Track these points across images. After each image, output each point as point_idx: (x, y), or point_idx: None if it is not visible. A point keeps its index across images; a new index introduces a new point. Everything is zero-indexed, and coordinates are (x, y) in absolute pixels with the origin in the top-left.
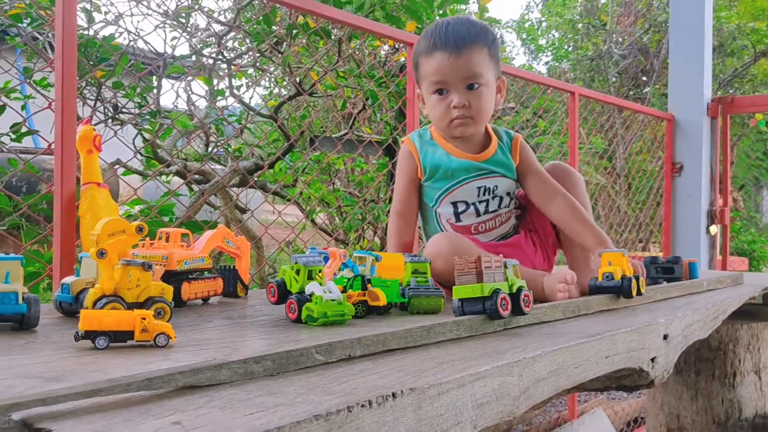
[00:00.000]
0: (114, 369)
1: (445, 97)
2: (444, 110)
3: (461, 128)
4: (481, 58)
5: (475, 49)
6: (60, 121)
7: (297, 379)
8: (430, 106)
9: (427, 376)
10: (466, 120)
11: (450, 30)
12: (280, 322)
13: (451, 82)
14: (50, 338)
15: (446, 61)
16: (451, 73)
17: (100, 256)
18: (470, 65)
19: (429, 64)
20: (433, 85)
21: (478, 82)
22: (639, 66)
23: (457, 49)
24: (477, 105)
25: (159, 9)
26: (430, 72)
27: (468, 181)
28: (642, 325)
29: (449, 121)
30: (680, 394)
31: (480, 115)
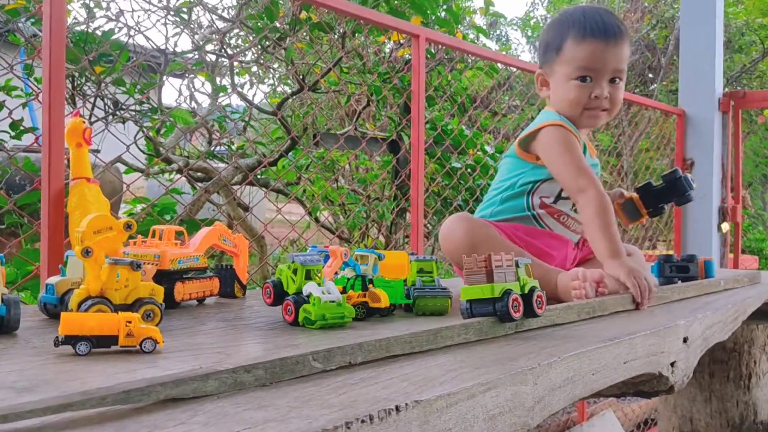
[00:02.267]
0: (93, 378)
1: (589, 85)
2: (584, 97)
3: (595, 119)
4: (627, 54)
5: (625, 43)
6: (47, 112)
7: (291, 390)
8: (565, 90)
9: (434, 386)
10: (602, 112)
11: (605, 20)
12: (278, 325)
13: (600, 72)
14: (30, 343)
15: (601, 49)
16: (603, 62)
17: (86, 255)
18: (620, 59)
19: (579, 48)
20: (580, 70)
21: (621, 77)
22: (646, 63)
23: (614, 39)
24: (615, 99)
25: (160, 4)
26: (580, 57)
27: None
28: (661, 327)
29: (585, 109)
30: (694, 397)
31: (614, 110)
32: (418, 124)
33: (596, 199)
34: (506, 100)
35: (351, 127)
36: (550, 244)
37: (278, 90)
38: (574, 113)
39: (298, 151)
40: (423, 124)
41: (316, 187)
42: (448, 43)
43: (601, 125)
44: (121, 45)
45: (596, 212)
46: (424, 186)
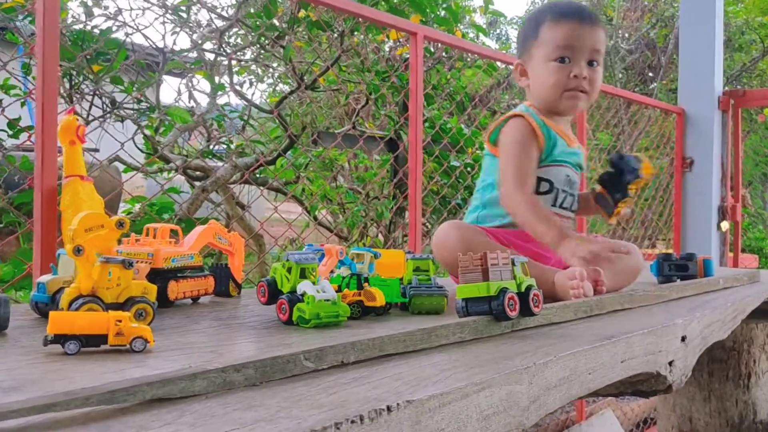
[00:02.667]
0: (81, 378)
1: (567, 66)
2: (563, 78)
3: (574, 101)
4: (604, 39)
5: (601, 28)
6: (40, 110)
7: (282, 390)
8: (543, 73)
9: (427, 386)
10: (581, 94)
11: (577, 5)
12: (272, 324)
13: (577, 51)
14: (19, 342)
15: (577, 29)
16: (580, 41)
17: (77, 253)
18: (598, 40)
19: (555, 30)
20: (558, 50)
21: (598, 60)
22: (646, 61)
23: (590, 21)
24: (594, 81)
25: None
26: (557, 38)
27: (561, 164)
28: (659, 326)
29: (564, 90)
30: (693, 396)
31: (593, 93)
32: (416, 122)
33: (522, 201)
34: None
35: (349, 125)
36: (543, 245)
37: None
38: (554, 96)
39: (297, 150)
40: (421, 122)
41: (314, 185)
42: (446, 41)
43: (581, 109)
44: (119, 43)
45: (526, 213)
46: (423, 184)
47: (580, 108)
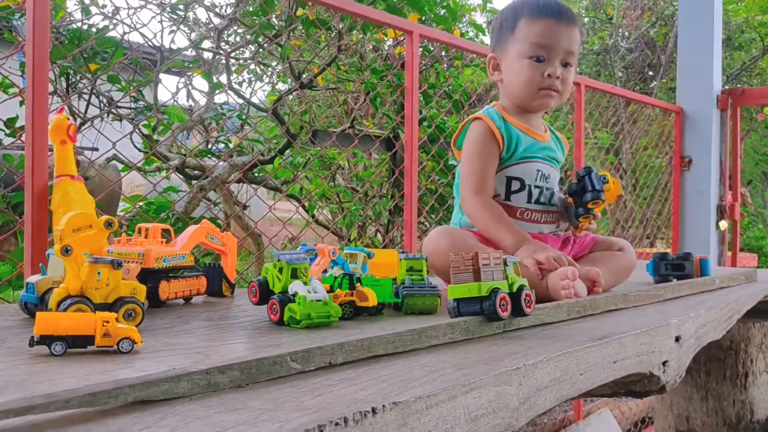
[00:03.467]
0: (64, 380)
1: (542, 65)
2: (537, 77)
3: (547, 99)
4: (579, 39)
5: (577, 28)
6: (30, 109)
7: (267, 392)
8: (517, 69)
9: (415, 387)
10: (554, 93)
11: (556, 2)
12: (263, 325)
13: (553, 50)
14: (6, 342)
15: (555, 28)
16: (556, 40)
17: (65, 254)
18: (574, 40)
19: (534, 27)
20: (534, 48)
21: (572, 61)
22: (646, 60)
23: (568, 20)
24: (567, 81)
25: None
26: (535, 35)
27: (531, 160)
28: (653, 326)
29: (538, 89)
30: (690, 395)
31: (565, 93)
32: (411, 121)
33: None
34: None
35: (347, 124)
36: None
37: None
38: (527, 94)
39: (295, 149)
40: (417, 121)
41: (313, 184)
42: (443, 39)
43: (552, 108)
44: (116, 42)
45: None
46: (421, 183)
47: (551, 107)
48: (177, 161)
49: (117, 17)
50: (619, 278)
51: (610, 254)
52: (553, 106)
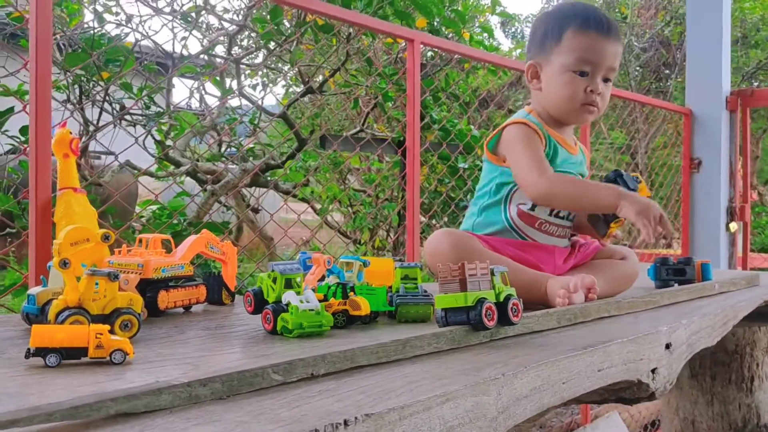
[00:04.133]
0: (54, 392)
1: (585, 79)
2: (579, 92)
3: (586, 115)
4: (620, 54)
5: (621, 43)
6: (34, 123)
7: (247, 404)
8: (559, 82)
9: (390, 398)
10: (594, 108)
11: (605, 16)
12: (258, 334)
13: (597, 66)
14: (5, 354)
15: (602, 43)
16: (602, 56)
17: (63, 266)
18: (617, 56)
19: (581, 39)
20: (579, 62)
21: (612, 77)
22: (661, 59)
23: (615, 36)
24: (605, 97)
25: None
26: (581, 48)
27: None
28: (641, 334)
29: (580, 104)
30: (695, 399)
31: (603, 108)
32: (413, 127)
33: (554, 181)
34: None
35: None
36: (538, 256)
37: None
38: (568, 107)
39: (307, 153)
40: (418, 127)
41: (324, 187)
42: (444, 46)
43: (589, 122)
44: (127, 50)
45: (566, 187)
46: (433, 186)
47: (588, 122)
48: (189, 166)
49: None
50: (619, 287)
51: (611, 263)
52: (590, 121)
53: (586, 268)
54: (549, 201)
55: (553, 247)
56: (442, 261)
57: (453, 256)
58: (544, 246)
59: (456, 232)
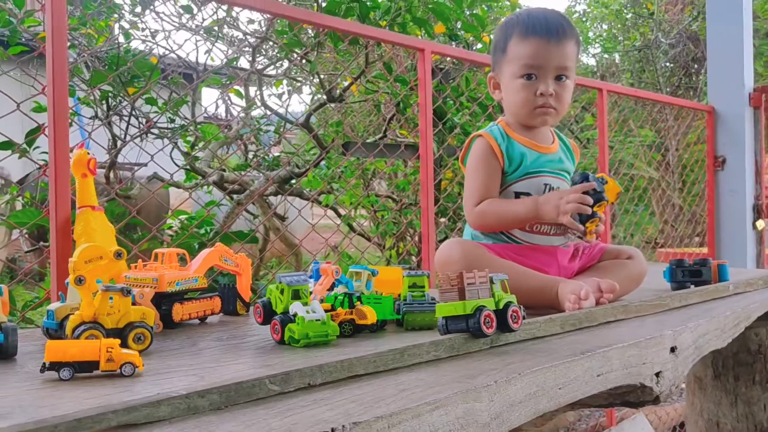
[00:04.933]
0: (64, 404)
1: (533, 83)
2: (529, 96)
3: (543, 117)
4: (573, 53)
5: (570, 42)
6: (53, 145)
7: (242, 414)
8: (512, 90)
9: (381, 407)
10: (550, 110)
11: (549, 18)
12: (267, 344)
13: (543, 69)
14: (24, 368)
15: (543, 46)
16: (546, 59)
17: (79, 283)
18: (564, 56)
19: (522, 47)
20: (524, 68)
21: (567, 74)
22: (689, 54)
23: (557, 37)
24: (562, 97)
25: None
26: (523, 55)
27: (538, 174)
28: (643, 338)
29: (533, 108)
30: (719, 400)
31: (562, 108)
32: (426, 136)
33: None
34: None
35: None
36: (540, 259)
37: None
38: (523, 113)
39: (331, 160)
40: (431, 135)
41: (348, 195)
42: (454, 54)
43: (551, 124)
44: (152, 65)
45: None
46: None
47: (550, 123)
48: (215, 176)
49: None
50: (628, 287)
51: (619, 263)
52: (553, 123)
53: (595, 270)
54: (482, 227)
55: (555, 249)
56: (452, 270)
57: (463, 264)
58: (544, 248)
59: (465, 242)
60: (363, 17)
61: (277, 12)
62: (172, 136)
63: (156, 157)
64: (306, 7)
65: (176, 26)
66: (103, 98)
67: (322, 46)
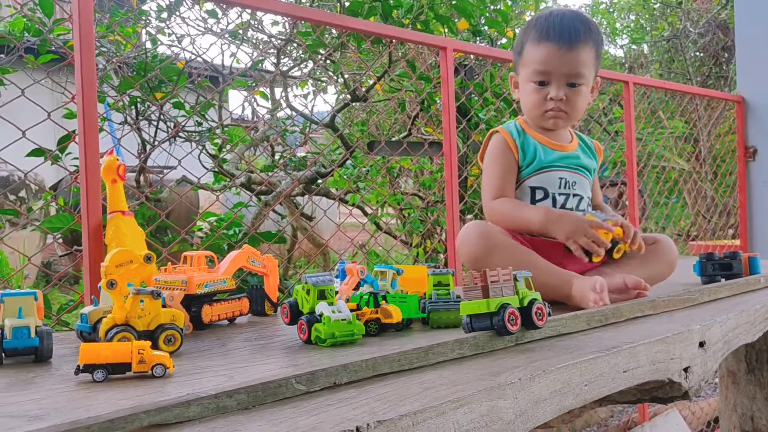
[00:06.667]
0: (98, 405)
1: (545, 88)
2: (540, 100)
3: (554, 120)
4: (588, 58)
5: (585, 47)
6: (83, 152)
7: (269, 413)
8: (525, 92)
9: (405, 405)
10: (561, 114)
11: (565, 23)
12: (294, 344)
13: (554, 76)
14: (59, 370)
15: (555, 53)
16: (557, 67)
17: (110, 287)
18: (577, 63)
19: (536, 52)
20: (535, 74)
21: (580, 81)
22: (719, 43)
23: (569, 44)
24: (574, 102)
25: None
26: (535, 60)
27: (552, 169)
28: (671, 333)
29: (543, 111)
30: (753, 395)
31: (574, 113)
32: (449, 135)
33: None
34: None
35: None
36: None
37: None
38: (535, 115)
39: (357, 159)
40: (455, 135)
41: (374, 193)
42: (476, 51)
43: (563, 127)
44: (178, 70)
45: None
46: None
47: (561, 127)
48: (243, 178)
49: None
50: (659, 273)
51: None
52: (564, 126)
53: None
54: (493, 221)
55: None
56: (470, 249)
57: (481, 243)
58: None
59: (485, 224)
60: (386, 16)
61: (299, 15)
62: (200, 139)
63: (185, 160)
64: (329, 8)
65: (202, 31)
66: (132, 104)
67: (345, 46)
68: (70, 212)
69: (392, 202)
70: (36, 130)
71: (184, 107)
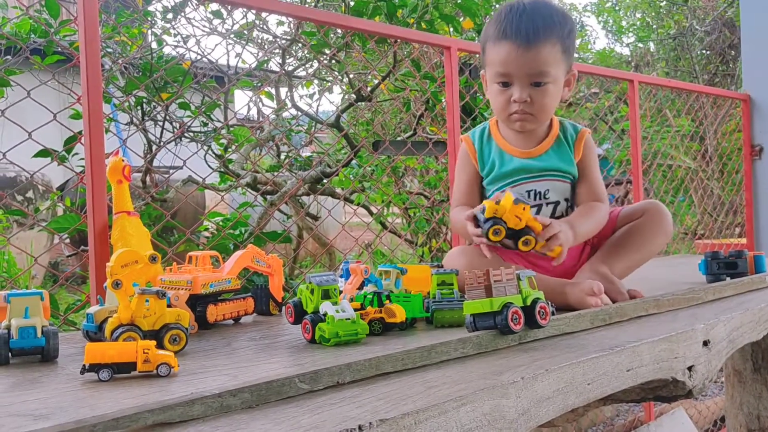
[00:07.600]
0: (103, 404)
1: (508, 89)
2: (504, 102)
3: (520, 123)
4: (552, 55)
5: (547, 44)
6: (89, 153)
7: (273, 412)
8: (491, 94)
9: (407, 404)
10: (526, 116)
11: (524, 19)
12: (298, 344)
13: (515, 76)
14: (65, 370)
15: (513, 54)
16: (516, 67)
17: (116, 287)
18: (538, 62)
19: (495, 52)
20: (497, 75)
21: (545, 80)
22: (725, 41)
23: (528, 42)
24: (540, 102)
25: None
26: (495, 61)
27: (518, 183)
28: (674, 332)
29: (508, 114)
30: (759, 393)
31: (542, 113)
32: (453, 133)
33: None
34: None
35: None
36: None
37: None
38: (501, 117)
39: (362, 158)
40: (459, 133)
41: (379, 193)
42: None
43: (530, 129)
44: (184, 71)
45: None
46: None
47: (528, 129)
48: (248, 178)
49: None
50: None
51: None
52: (532, 128)
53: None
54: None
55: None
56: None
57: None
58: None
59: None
60: (390, 15)
61: (304, 15)
62: (205, 140)
63: (190, 160)
64: (334, 8)
65: (207, 31)
66: (138, 104)
67: (350, 46)
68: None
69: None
70: (43, 131)
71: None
